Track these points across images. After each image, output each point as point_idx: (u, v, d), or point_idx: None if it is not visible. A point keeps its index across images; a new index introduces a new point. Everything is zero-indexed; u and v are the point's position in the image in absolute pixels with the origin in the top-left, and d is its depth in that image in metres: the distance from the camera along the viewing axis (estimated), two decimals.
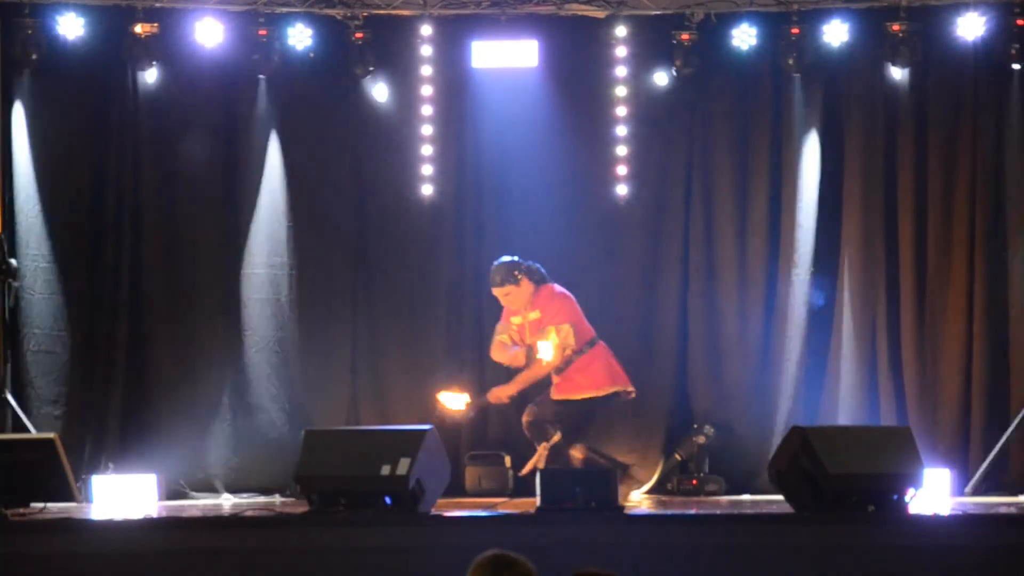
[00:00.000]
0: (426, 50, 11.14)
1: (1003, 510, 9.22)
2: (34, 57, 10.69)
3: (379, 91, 11.20)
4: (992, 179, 10.90)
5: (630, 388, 10.17)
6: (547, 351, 10.00)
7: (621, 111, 11.19)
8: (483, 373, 11.00)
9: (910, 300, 10.94)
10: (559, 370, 10.07)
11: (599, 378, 10.10)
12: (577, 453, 10.03)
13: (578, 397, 10.09)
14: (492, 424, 11.12)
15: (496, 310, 10.54)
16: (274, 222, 11.15)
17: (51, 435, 8.36)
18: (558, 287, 10.21)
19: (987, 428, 10.71)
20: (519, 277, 10.13)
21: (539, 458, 9.93)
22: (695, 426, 10.93)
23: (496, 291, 10.20)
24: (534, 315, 10.15)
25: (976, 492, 10.34)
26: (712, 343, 11.18)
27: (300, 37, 10.99)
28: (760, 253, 11.15)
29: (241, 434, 10.89)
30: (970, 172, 10.91)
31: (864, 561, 7.65)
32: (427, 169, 11.17)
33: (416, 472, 8.09)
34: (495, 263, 10.21)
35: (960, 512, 8.79)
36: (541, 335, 10.05)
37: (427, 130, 11.18)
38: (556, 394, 10.13)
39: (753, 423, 11.04)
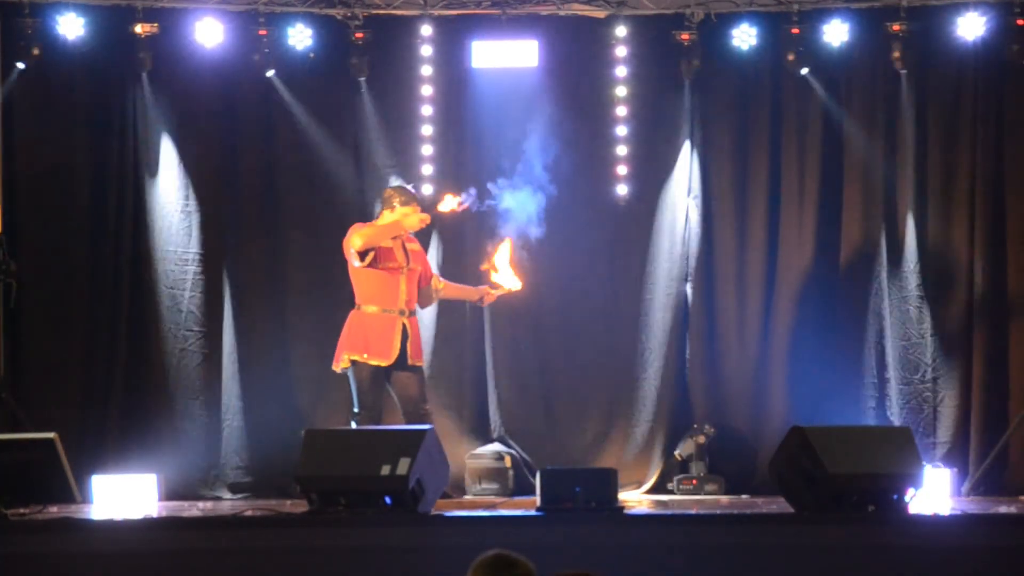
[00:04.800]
0: (426, 50, 11.14)
1: (1003, 510, 9.22)
2: (34, 57, 10.70)
3: (379, 91, 11.19)
4: (992, 179, 10.91)
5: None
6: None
7: (621, 111, 11.18)
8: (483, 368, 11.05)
9: (910, 299, 10.94)
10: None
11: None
12: None
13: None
14: (492, 424, 11.12)
15: (500, 309, 10.54)
16: (274, 222, 11.15)
17: (51, 435, 8.33)
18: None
19: (987, 428, 10.72)
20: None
21: None
22: (695, 426, 10.93)
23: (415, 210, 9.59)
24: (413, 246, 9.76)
25: (976, 492, 10.35)
26: (712, 343, 11.18)
27: (300, 37, 10.99)
28: (760, 253, 11.14)
29: (241, 434, 10.88)
30: (970, 172, 10.91)
31: (864, 561, 7.64)
32: (427, 169, 11.17)
33: (416, 472, 8.08)
34: (408, 186, 9.87)
35: (960, 512, 8.79)
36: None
37: (427, 130, 11.17)
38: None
39: (753, 423, 11.05)
